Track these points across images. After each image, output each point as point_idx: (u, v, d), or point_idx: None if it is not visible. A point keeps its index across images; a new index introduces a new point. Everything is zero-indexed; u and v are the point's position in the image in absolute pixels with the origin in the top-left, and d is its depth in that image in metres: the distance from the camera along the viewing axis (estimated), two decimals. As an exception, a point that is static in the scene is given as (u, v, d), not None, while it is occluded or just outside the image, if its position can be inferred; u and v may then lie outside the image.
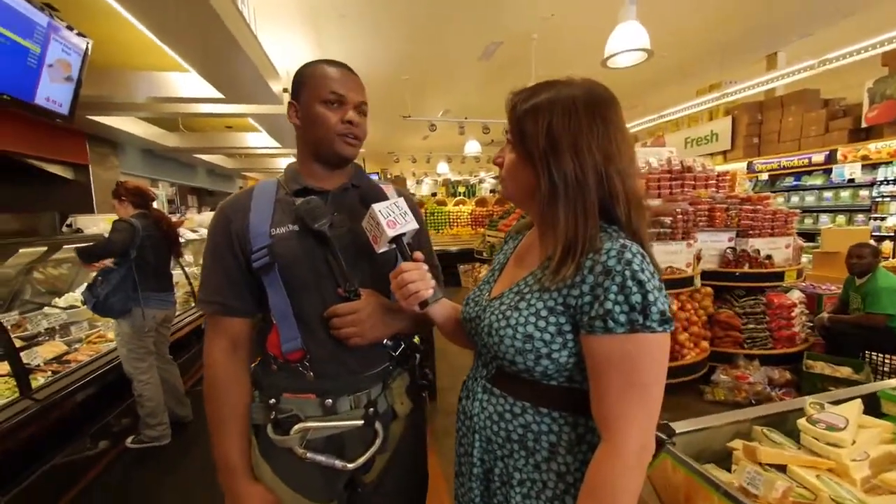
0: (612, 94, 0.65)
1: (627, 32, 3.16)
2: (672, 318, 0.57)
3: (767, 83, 5.34)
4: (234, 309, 0.83)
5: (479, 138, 7.93)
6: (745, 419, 1.05)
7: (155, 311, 2.35)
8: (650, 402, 0.56)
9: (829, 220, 5.42)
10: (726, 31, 5.00)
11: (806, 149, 5.49)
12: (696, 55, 5.69)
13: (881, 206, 4.87)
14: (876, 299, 2.71)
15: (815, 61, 4.59)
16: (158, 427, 2.37)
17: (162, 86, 3.83)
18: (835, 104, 5.47)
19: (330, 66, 0.83)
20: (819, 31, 5.12)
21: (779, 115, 5.83)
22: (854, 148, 4.98)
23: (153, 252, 2.33)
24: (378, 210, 0.74)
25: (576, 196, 0.60)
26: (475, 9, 4.23)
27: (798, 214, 3.51)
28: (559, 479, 0.63)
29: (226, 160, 8.49)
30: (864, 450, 0.84)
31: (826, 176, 5.45)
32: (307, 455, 0.78)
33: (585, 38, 4.76)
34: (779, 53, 5.79)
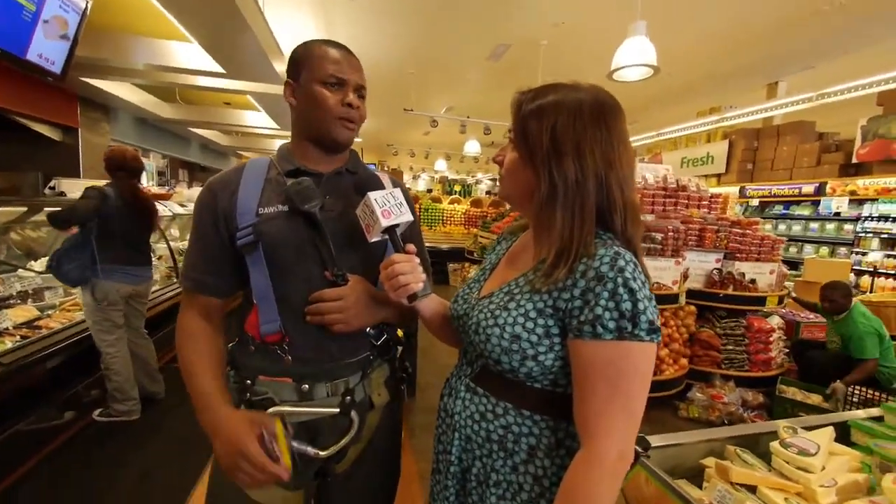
0: (617, 103, 0.64)
1: (636, 47, 3.18)
2: (660, 328, 0.57)
3: (766, 111, 5.45)
4: (209, 286, 0.81)
5: (480, 139, 7.93)
6: (719, 438, 1.06)
7: (119, 285, 2.26)
8: (632, 411, 0.56)
9: (813, 251, 5.55)
10: (731, 57, 5.08)
11: (797, 179, 5.60)
12: (699, 77, 5.76)
13: (863, 241, 5.00)
14: (860, 345, 2.71)
15: (814, 94, 4.69)
16: (127, 402, 2.32)
17: (161, 54, 3.74)
18: (828, 138, 5.59)
19: (330, 47, 0.81)
20: (820, 64, 5.22)
21: (774, 144, 5.93)
22: (843, 182, 5.10)
23: (122, 223, 2.23)
24: (374, 199, 0.73)
25: (574, 199, 0.60)
26: (487, 9, 4.21)
27: (784, 242, 3.59)
28: (535, 482, 0.63)
29: (221, 136, 8.34)
30: (833, 476, 0.85)
31: (814, 207, 5.57)
32: None
33: (593, 49, 4.79)
34: (780, 83, 5.89)
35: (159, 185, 6.87)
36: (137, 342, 2.47)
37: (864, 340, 2.71)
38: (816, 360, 2.96)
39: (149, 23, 3.30)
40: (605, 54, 3.53)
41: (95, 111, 4.81)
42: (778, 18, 4.11)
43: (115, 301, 2.25)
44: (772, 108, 5.35)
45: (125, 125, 5.62)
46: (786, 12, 3.98)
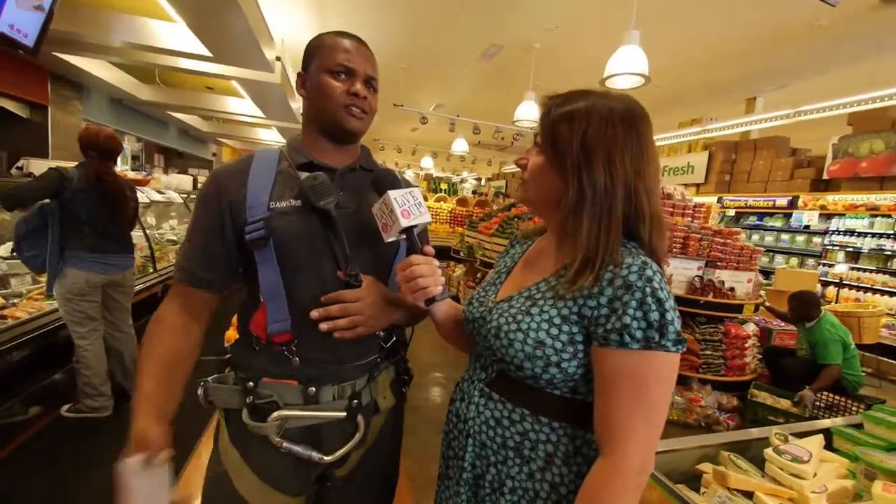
0: (645, 112, 0.64)
1: (628, 56, 3.24)
2: (686, 339, 0.57)
3: (744, 125, 5.66)
4: (204, 280, 0.78)
5: (468, 138, 7.92)
6: (713, 444, 1.09)
7: (89, 274, 2.12)
8: (655, 421, 0.56)
9: (784, 261, 5.79)
10: (714, 71, 5.24)
11: (771, 192, 5.84)
12: (683, 89, 5.93)
13: (830, 253, 5.25)
14: (824, 351, 2.85)
15: (791, 111, 4.89)
16: (99, 398, 2.20)
17: (143, 32, 3.57)
18: (801, 154, 5.85)
19: (341, 37, 0.79)
20: (795, 83, 5.45)
21: (751, 157, 6.17)
22: (814, 197, 5.35)
23: (87, 208, 2.07)
24: (393, 197, 0.71)
25: (602, 207, 0.60)
26: (482, 9, 4.20)
27: (762, 252, 3.73)
28: (552, 489, 0.62)
29: (201, 122, 8.05)
30: (824, 483, 0.89)
31: (786, 219, 5.82)
32: (283, 445, 0.73)
33: (585, 55, 4.84)
34: (758, 98, 6.13)
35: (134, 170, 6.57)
36: (115, 335, 2.33)
37: (828, 347, 2.85)
38: (787, 367, 3.09)
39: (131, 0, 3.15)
40: (597, 61, 3.58)
41: (67, 89, 4.56)
42: (759, 37, 4.27)
43: (86, 291, 2.12)
44: (749, 123, 5.57)
45: (99, 105, 5.35)
46: (766, 31, 4.13)
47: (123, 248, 2.31)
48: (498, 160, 13.18)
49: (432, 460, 0.80)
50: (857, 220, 4.97)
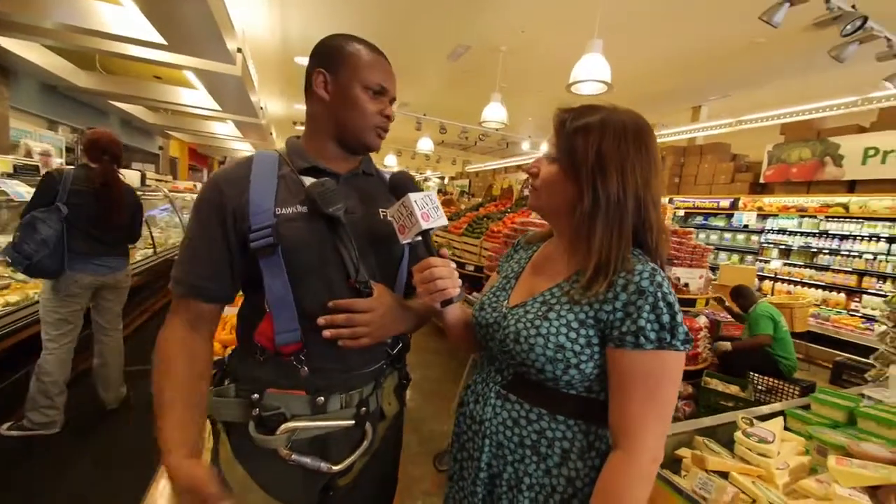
0: (651, 127, 0.69)
1: (592, 64, 3.39)
2: (692, 338, 0.63)
3: (691, 132, 6.09)
4: (209, 291, 0.73)
5: (434, 137, 7.93)
6: (686, 431, 1.17)
7: (79, 275, 2.06)
8: (665, 416, 0.61)
9: (727, 258, 6.29)
10: (665, 81, 5.60)
11: (716, 194, 6.32)
12: (637, 96, 6.26)
13: (766, 250, 5.77)
14: (755, 325, 3.30)
15: (731, 120, 5.33)
16: (49, 410, 2.04)
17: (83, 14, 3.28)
18: (740, 159, 6.38)
19: (374, 52, 0.79)
20: (735, 93, 5.93)
21: (697, 161, 6.64)
22: (752, 199, 5.85)
23: (81, 210, 2.05)
24: (414, 200, 0.71)
25: (615, 216, 0.64)
26: (449, 9, 4.22)
27: (711, 250, 4.04)
28: (569, 483, 0.66)
29: (147, 113, 7.52)
30: (785, 460, 0.99)
31: (728, 219, 6.32)
32: (292, 457, 0.71)
33: (551, 60, 5.00)
34: (702, 107, 6.61)
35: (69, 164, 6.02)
36: (103, 339, 2.26)
37: (759, 321, 3.31)
38: (731, 354, 3.39)
39: (71, -23, 2.88)
40: (562, 66, 3.72)
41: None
42: (705, 51, 4.61)
43: (74, 293, 2.05)
44: (697, 130, 6.01)
45: (29, 91, 4.86)
46: (711, 46, 4.46)
47: (117, 251, 2.24)
48: (461, 159, 13.30)
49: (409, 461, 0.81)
50: (789, 220, 5.50)
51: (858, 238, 4.87)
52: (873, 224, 4.74)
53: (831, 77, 4.34)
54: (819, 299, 5.10)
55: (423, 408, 2.75)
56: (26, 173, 2.92)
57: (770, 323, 3.25)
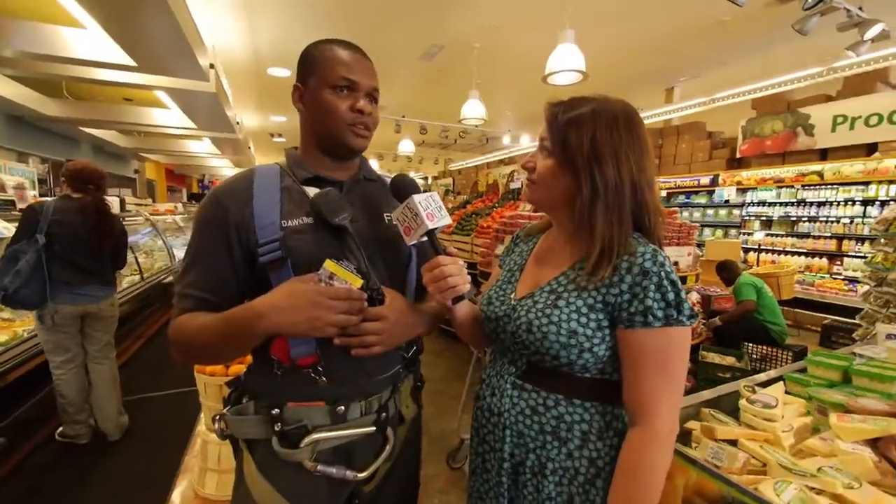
0: (639, 114, 0.71)
1: (566, 54, 3.43)
2: (697, 313, 0.65)
3: (666, 114, 6.21)
4: (214, 305, 0.73)
5: (415, 138, 7.93)
6: (693, 403, 1.21)
7: (63, 306, 2.07)
8: (678, 388, 0.64)
9: (711, 234, 6.44)
10: (637, 64, 5.69)
11: (695, 172, 6.46)
12: (611, 82, 6.35)
13: (748, 223, 5.92)
14: (739, 293, 3.44)
15: (704, 99, 5.45)
16: (74, 425, 2.20)
17: (45, 40, 3.19)
18: (716, 136, 6.53)
19: (341, 48, 0.76)
20: (704, 74, 6.07)
21: (675, 141, 6.77)
22: (731, 174, 5.99)
23: (64, 240, 2.06)
24: (418, 201, 0.71)
25: (614, 202, 0.66)
26: (420, 9, 4.23)
27: (697, 227, 4.13)
28: (591, 464, 0.68)
29: (119, 137, 7.35)
30: (789, 422, 1.03)
31: (709, 196, 6.47)
32: (318, 468, 0.71)
33: (525, 54, 5.04)
34: (675, 88, 6.73)
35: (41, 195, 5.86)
36: (94, 368, 2.25)
37: (742, 289, 3.44)
38: (722, 327, 3.48)
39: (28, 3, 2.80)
40: (537, 59, 3.75)
41: (-46, 107, 3.97)
42: (672, 32, 4.70)
43: (59, 322, 2.07)
44: (672, 111, 6.13)
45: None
46: (679, 26, 4.55)
47: (103, 279, 2.23)
48: (443, 158, 13.31)
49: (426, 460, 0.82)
50: (767, 192, 5.64)
51: (835, 203, 5.03)
52: (847, 189, 4.90)
53: (797, 50, 4.46)
54: (802, 266, 5.26)
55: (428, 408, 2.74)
56: (2, 208, 2.84)
57: (752, 290, 3.38)
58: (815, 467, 0.88)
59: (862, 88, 4.72)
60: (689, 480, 0.88)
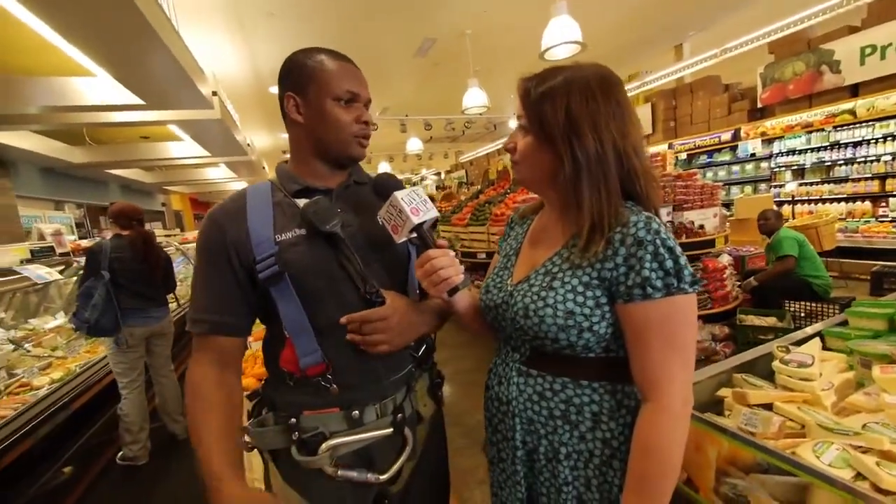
0: (618, 77, 0.68)
1: (561, 26, 3.33)
2: (699, 279, 0.62)
3: (677, 72, 5.93)
4: (228, 326, 0.75)
5: (421, 135, 7.92)
6: (724, 370, 1.15)
7: (134, 328, 2.35)
8: (687, 359, 0.61)
9: (739, 191, 6.13)
10: (640, 25, 5.45)
11: (715, 129, 6.15)
12: (614, 48, 6.13)
13: (778, 175, 5.60)
14: (779, 247, 3.19)
15: (716, 51, 5.16)
16: (133, 446, 2.37)
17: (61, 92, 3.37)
18: (734, 88, 6.19)
19: (338, 60, 0.77)
20: (713, 25, 5.75)
21: (689, 100, 6.47)
22: (754, 126, 5.67)
23: (124, 272, 2.34)
24: (400, 198, 0.71)
25: (598, 173, 0.63)
26: (406, 6, 4.20)
27: (721, 187, 3.94)
28: (605, 445, 0.66)
29: (143, 174, 7.70)
30: (829, 380, 0.97)
31: (733, 152, 6.15)
32: (339, 473, 0.73)
33: (519, 32, 4.93)
34: (684, 45, 6.41)
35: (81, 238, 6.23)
36: (159, 380, 2.56)
37: (782, 243, 3.17)
38: (760, 288, 3.31)
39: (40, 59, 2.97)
40: (532, 37, 3.66)
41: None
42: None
43: (132, 344, 2.34)
44: (682, 69, 5.84)
45: (30, 178, 5.03)
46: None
47: (159, 301, 2.52)
48: (454, 151, 13.24)
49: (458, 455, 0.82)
50: (796, 139, 5.32)
51: (872, 142, 4.68)
52: (885, 124, 4.55)
53: (810, -17, 4.15)
54: (843, 212, 4.94)
55: (461, 401, 2.77)
56: (43, 255, 3.04)
57: (794, 244, 3.15)
58: (860, 424, 0.83)
59: (890, 13, 4.35)
60: (722, 450, 0.84)
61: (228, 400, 0.75)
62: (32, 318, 3.04)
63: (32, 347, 2.61)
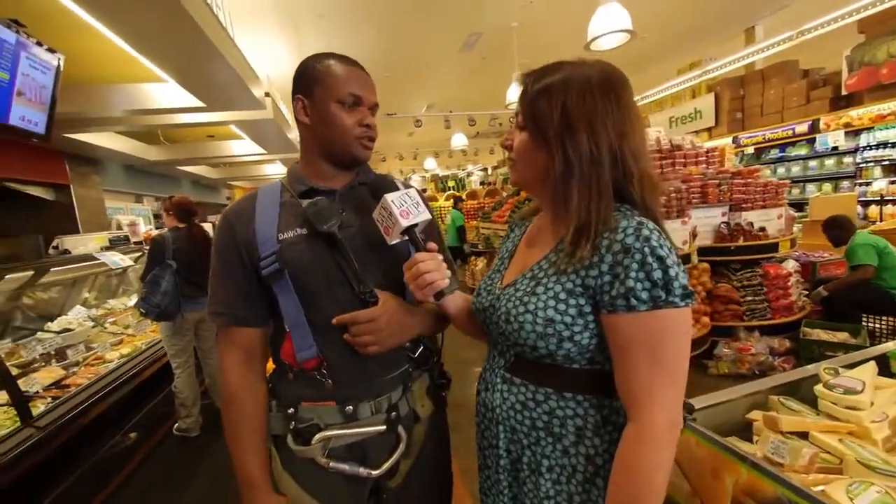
0: (623, 75, 0.64)
1: (609, 14, 3.16)
2: (693, 292, 0.56)
3: (747, 57, 5.40)
4: (244, 319, 0.80)
5: (465, 131, 7.90)
6: (760, 390, 1.05)
7: (187, 314, 2.54)
8: (676, 378, 0.56)
9: (816, 189, 5.50)
10: (703, 8, 5.02)
11: (789, 120, 5.55)
12: (674, 34, 5.71)
13: (865, 171, 4.94)
14: (854, 255, 2.80)
15: (793, 32, 4.64)
16: (188, 419, 2.60)
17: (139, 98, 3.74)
18: (814, 74, 5.54)
19: (345, 64, 0.79)
20: (795, 1, 5.16)
21: (760, 89, 5.88)
22: (836, 116, 5.04)
23: (183, 263, 2.53)
24: (391, 200, 0.72)
25: (590, 174, 0.60)
26: (453, 2, 4.19)
27: (789, 185, 3.56)
28: (588, 462, 0.63)
29: (210, 170, 8.36)
30: (883, 410, 0.85)
31: (810, 146, 5.52)
32: (330, 464, 0.76)
33: (566, 23, 4.75)
34: (756, 27, 5.83)
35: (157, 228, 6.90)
36: (208, 362, 2.77)
37: (857, 251, 2.77)
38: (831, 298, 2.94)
39: (122, 69, 3.30)
40: (579, 27, 3.50)
41: (84, 165, 4.83)
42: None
43: (184, 327, 2.56)
44: (752, 54, 5.31)
45: (114, 174, 5.64)
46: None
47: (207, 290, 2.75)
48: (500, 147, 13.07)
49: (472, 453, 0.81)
50: (889, 130, 4.65)
51: None
52: None
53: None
54: (946, 215, 4.27)
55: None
56: (119, 244, 3.41)
57: (872, 251, 2.74)
58: (913, 465, 0.72)
59: None
60: (741, 478, 0.77)
61: (255, 402, 0.80)
62: (111, 299, 3.43)
63: (110, 325, 2.94)
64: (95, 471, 2.16)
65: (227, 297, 0.80)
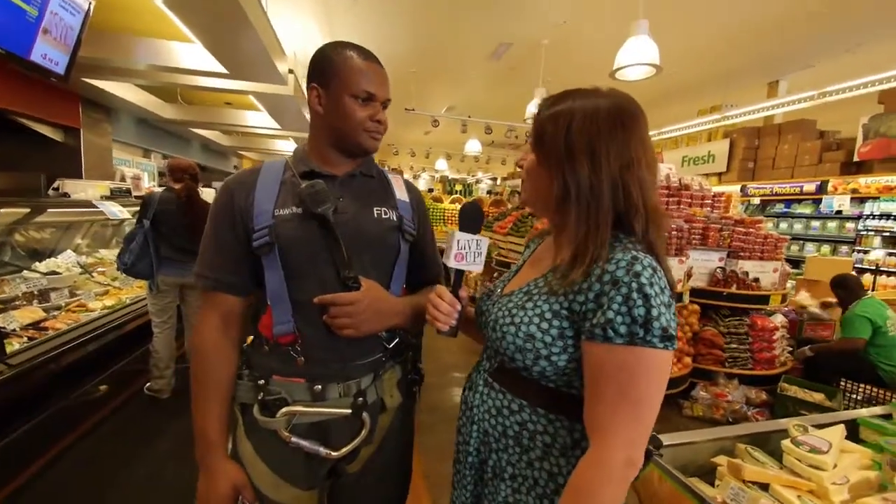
0: (637, 106, 0.65)
1: (638, 47, 3.19)
2: (675, 337, 0.57)
3: (767, 110, 5.46)
4: (229, 285, 0.81)
5: (481, 138, 7.92)
6: (729, 436, 1.07)
7: (167, 277, 2.51)
8: (641, 418, 0.56)
9: (815, 249, 5.55)
10: (732, 56, 5.08)
11: (798, 177, 5.61)
12: (700, 76, 5.77)
13: (865, 239, 5.00)
14: (849, 326, 2.80)
15: (815, 93, 4.70)
16: (160, 380, 2.59)
17: (163, 54, 3.73)
18: (830, 136, 5.60)
19: (363, 58, 0.81)
20: (821, 63, 5.22)
21: (775, 142, 5.94)
22: (845, 181, 5.11)
23: (167, 224, 2.49)
24: (457, 239, 0.75)
25: (588, 202, 0.60)
26: (488, 8, 4.21)
27: (788, 241, 3.60)
28: (550, 478, 0.64)
29: (222, 137, 8.34)
30: (845, 474, 0.86)
31: (815, 206, 5.58)
32: (292, 439, 0.77)
33: (595, 49, 4.79)
34: (780, 81, 5.90)
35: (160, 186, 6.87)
36: (190, 328, 2.73)
37: (852, 321, 2.77)
38: (819, 358, 2.97)
39: (150, 23, 3.30)
40: (608, 54, 3.53)
41: (97, 112, 4.81)
42: (776, 17, 4.12)
43: (163, 289, 2.53)
44: (773, 107, 5.37)
45: (126, 125, 5.62)
46: (784, 10, 3.98)
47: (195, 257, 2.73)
48: (512, 159, 13.12)
49: (448, 458, 0.83)
50: (893, 203, 4.71)
51: None
52: None
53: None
54: (938, 294, 4.31)
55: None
56: (120, 195, 3.40)
57: (867, 325, 2.74)
58: (866, 532, 0.73)
59: None
60: (696, 520, 0.78)
61: (225, 369, 0.81)
62: (103, 249, 3.41)
63: (97, 275, 2.93)
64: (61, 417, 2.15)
65: (215, 262, 0.81)
